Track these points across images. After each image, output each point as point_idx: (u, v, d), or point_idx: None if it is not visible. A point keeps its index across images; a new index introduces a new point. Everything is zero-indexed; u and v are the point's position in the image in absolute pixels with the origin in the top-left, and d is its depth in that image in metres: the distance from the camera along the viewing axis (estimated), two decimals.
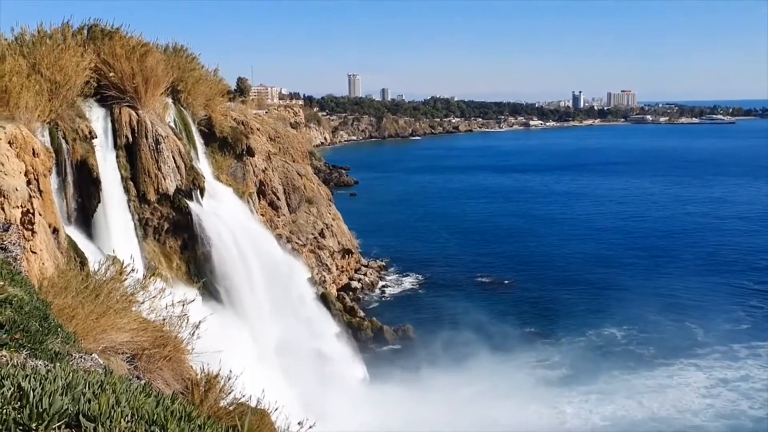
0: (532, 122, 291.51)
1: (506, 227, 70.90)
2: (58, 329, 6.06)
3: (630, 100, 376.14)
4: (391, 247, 58.88)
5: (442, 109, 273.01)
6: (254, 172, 39.64)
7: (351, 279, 50.03)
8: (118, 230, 25.22)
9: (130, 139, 26.85)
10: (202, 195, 30.29)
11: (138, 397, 3.59)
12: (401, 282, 51.28)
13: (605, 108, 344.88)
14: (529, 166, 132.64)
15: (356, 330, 39.75)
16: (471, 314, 40.60)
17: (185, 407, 3.65)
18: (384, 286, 50.55)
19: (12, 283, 6.72)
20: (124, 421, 3.26)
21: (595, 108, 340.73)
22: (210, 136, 35.30)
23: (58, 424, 3.12)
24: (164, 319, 10.95)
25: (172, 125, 30.16)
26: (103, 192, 24.41)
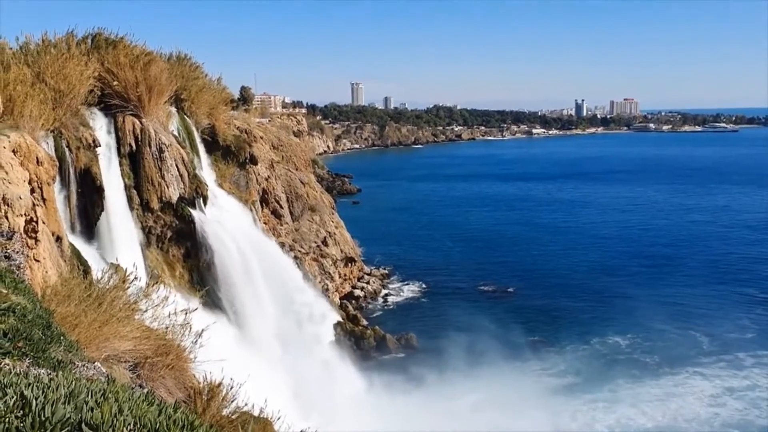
0: (534, 130, 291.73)
1: (509, 235, 70.78)
2: (61, 338, 6.04)
3: (633, 108, 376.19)
4: (394, 255, 58.82)
5: (444, 118, 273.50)
6: (257, 180, 39.70)
7: (354, 287, 49.95)
8: (121, 238, 25.26)
9: (134, 147, 26.93)
10: (205, 203, 30.34)
11: (140, 406, 3.56)
12: (404, 290, 51.16)
13: (608, 116, 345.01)
14: (532, 174, 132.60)
15: (359, 339, 39.64)
16: (474, 322, 40.46)
17: (188, 416, 3.62)
18: (387, 294, 50.43)
19: (15, 291, 6.70)
20: (127, 429, 3.23)
21: (598, 116, 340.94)
22: (213, 145, 35.40)
23: None
24: (167, 328, 10.93)
25: (175, 134, 30.25)
26: (107, 200, 24.47)
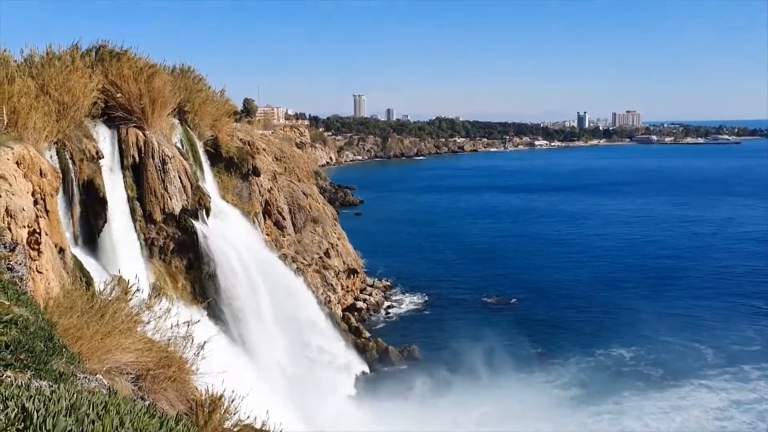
0: (537, 142, 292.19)
1: (512, 247, 70.65)
2: (63, 349, 6.00)
3: (635, 120, 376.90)
4: (396, 267, 58.69)
5: (447, 129, 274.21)
6: (260, 191, 39.75)
7: (356, 299, 49.82)
8: (123, 250, 25.25)
9: (137, 159, 27.00)
10: (208, 215, 30.35)
11: (142, 419, 3.52)
12: (407, 302, 51.01)
13: (610, 128, 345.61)
14: (534, 186, 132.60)
15: (361, 351, 39.48)
16: (477, 334, 40.28)
17: (189, 429, 3.58)
18: (389, 306, 50.28)
19: (17, 303, 6.68)
20: None
21: (600, 128, 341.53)
22: (216, 156, 35.49)
23: None
24: (169, 340, 10.88)
25: (178, 145, 30.34)
26: (110, 212, 24.49)
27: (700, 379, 36.29)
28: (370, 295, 50.87)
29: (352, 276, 50.63)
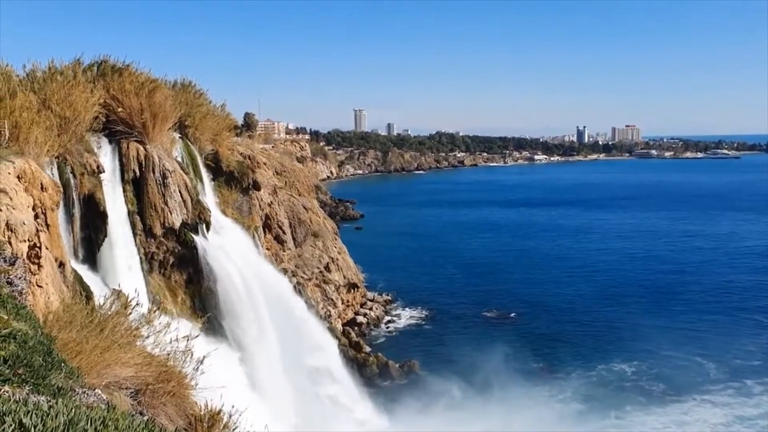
0: (536, 157, 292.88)
1: (512, 261, 70.56)
2: (62, 364, 5.96)
3: (634, 134, 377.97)
4: (396, 281, 58.59)
5: (447, 144, 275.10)
6: (260, 206, 39.77)
7: (356, 313, 49.65)
8: (123, 264, 25.21)
9: (138, 173, 27.03)
10: (208, 229, 30.33)
11: None
12: (407, 316, 50.84)
13: (610, 143, 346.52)
14: (534, 200, 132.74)
15: (361, 365, 39.28)
16: (478, 349, 40.11)
17: None
18: (389, 320, 50.12)
19: (17, 317, 6.64)
20: None
21: (600, 143, 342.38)
22: (217, 171, 35.55)
23: None
24: (168, 354, 10.83)
25: (179, 160, 30.39)
26: (110, 226, 24.47)
27: (702, 394, 36.08)
28: (371, 309, 50.72)
29: (352, 290, 50.51)
